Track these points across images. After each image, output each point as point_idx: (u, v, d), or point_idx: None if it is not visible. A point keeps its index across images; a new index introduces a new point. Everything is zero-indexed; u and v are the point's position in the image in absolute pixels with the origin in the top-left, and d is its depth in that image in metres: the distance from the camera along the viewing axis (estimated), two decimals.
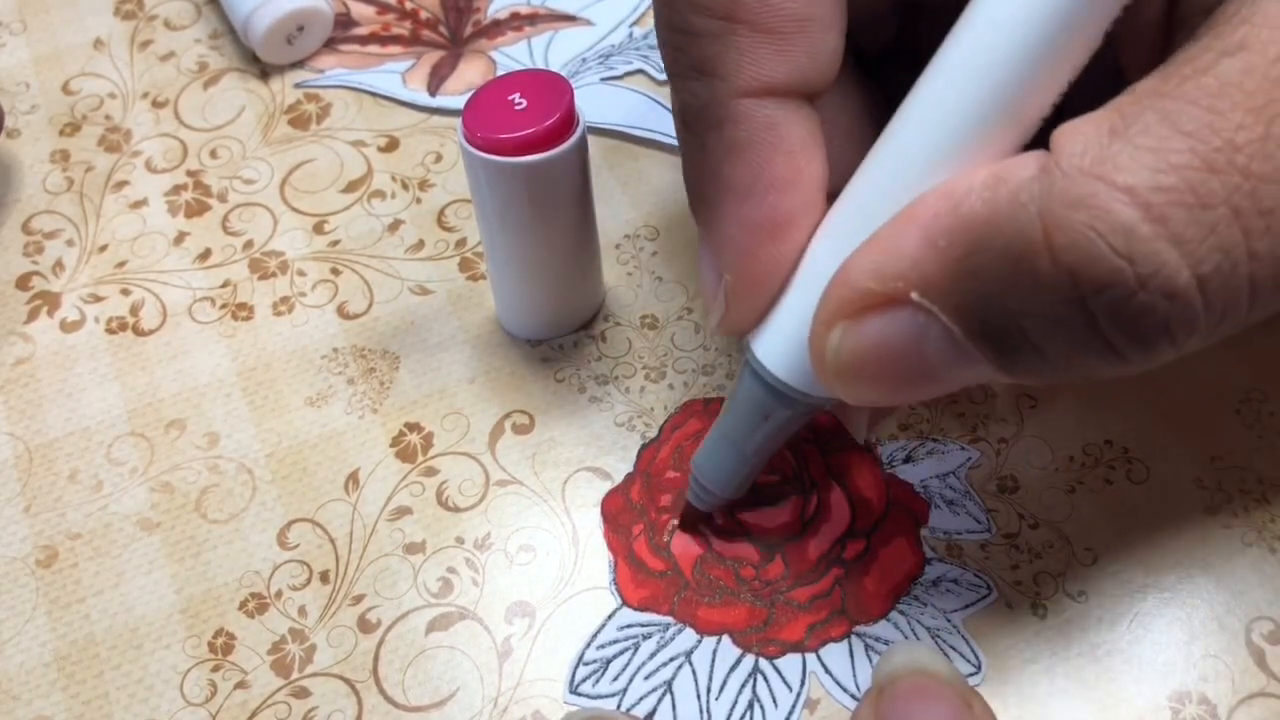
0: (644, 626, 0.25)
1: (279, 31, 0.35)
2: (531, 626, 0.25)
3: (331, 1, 0.37)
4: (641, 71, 0.36)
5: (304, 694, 0.25)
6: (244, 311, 0.31)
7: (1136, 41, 0.20)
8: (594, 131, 0.34)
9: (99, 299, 0.31)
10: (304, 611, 0.26)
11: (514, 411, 0.29)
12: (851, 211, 0.20)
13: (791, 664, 0.25)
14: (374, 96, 0.36)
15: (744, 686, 0.25)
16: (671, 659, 0.25)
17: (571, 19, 0.38)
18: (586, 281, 0.29)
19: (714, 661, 0.25)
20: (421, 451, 0.28)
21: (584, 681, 0.25)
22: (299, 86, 0.36)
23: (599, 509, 0.27)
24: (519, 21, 0.38)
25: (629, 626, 0.25)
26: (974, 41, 0.18)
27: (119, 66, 0.37)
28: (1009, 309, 0.17)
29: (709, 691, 0.25)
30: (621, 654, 0.25)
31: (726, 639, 0.25)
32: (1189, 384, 0.28)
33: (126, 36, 0.38)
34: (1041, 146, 0.17)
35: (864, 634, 0.25)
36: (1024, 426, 0.28)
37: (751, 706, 0.24)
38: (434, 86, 0.36)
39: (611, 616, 0.26)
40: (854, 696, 0.24)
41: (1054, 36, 0.17)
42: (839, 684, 0.25)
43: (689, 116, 0.21)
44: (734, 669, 0.25)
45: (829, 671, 0.25)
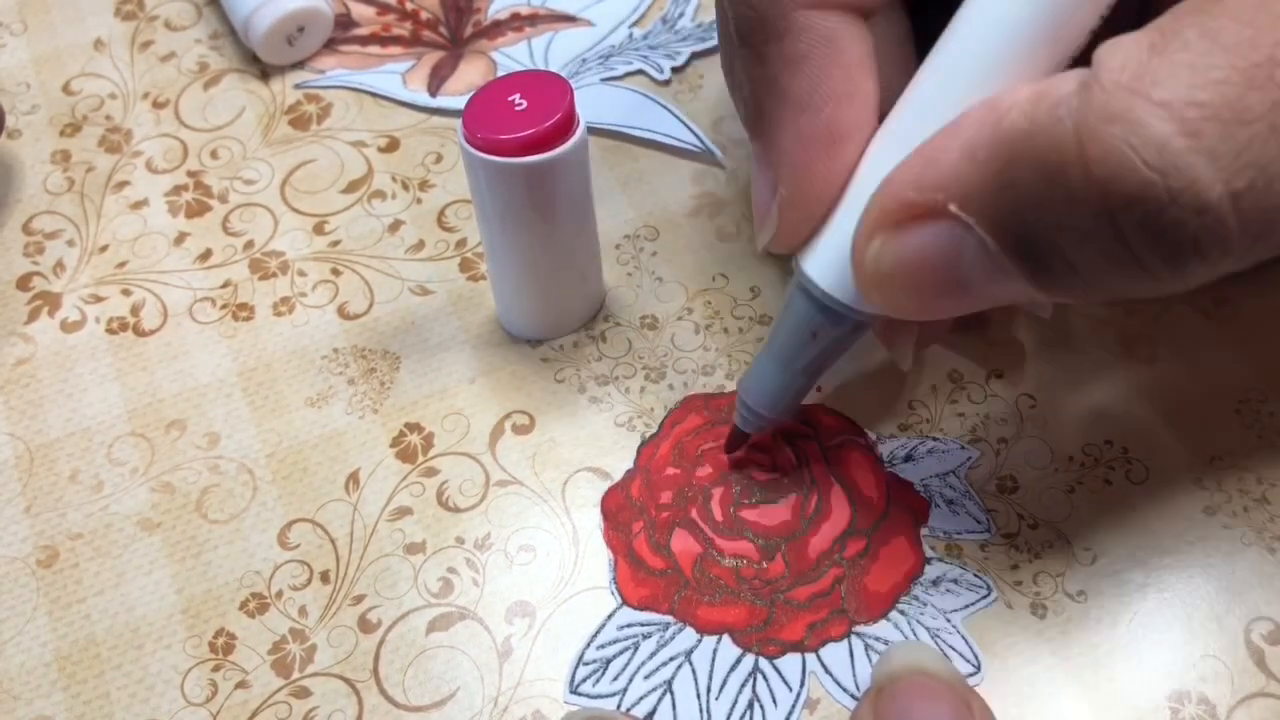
0: (644, 626, 0.25)
1: (279, 32, 0.35)
2: (531, 626, 0.26)
3: (332, 2, 0.37)
4: (641, 72, 0.36)
5: (304, 694, 0.25)
6: (244, 312, 0.31)
7: None
8: (594, 132, 0.34)
9: (100, 299, 0.31)
10: (304, 611, 0.26)
11: (514, 412, 0.29)
12: (899, 129, 0.21)
13: (791, 664, 0.25)
14: (374, 97, 0.36)
15: (744, 686, 0.25)
16: (671, 658, 0.25)
17: (571, 20, 0.38)
18: (586, 282, 0.30)
19: (714, 661, 0.25)
20: (422, 452, 0.28)
21: (584, 681, 0.25)
22: (299, 87, 0.36)
23: (599, 508, 0.27)
24: (519, 22, 0.38)
25: (629, 626, 0.25)
26: None
27: (119, 67, 0.37)
28: (1043, 223, 0.17)
29: (709, 691, 0.25)
30: (621, 654, 0.25)
31: (726, 638, 0.25)
32: (1189, 384, 0.29)
33: (127, 37, 0.38)
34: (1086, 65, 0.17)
35: (864, 634, 0.25)
36: (1024, 426, 0.28)
37: (751, 706, 0.24)
38: (434, 87, 0.36)
39: (611, 616, 0.26)
40: (854, 696, 0.24)
41: None
42: (839, 684, 0.25)
43: (745, 29, 0.21)
44: (734, 668, 0.25)
45: (829, 671, 0.25)
